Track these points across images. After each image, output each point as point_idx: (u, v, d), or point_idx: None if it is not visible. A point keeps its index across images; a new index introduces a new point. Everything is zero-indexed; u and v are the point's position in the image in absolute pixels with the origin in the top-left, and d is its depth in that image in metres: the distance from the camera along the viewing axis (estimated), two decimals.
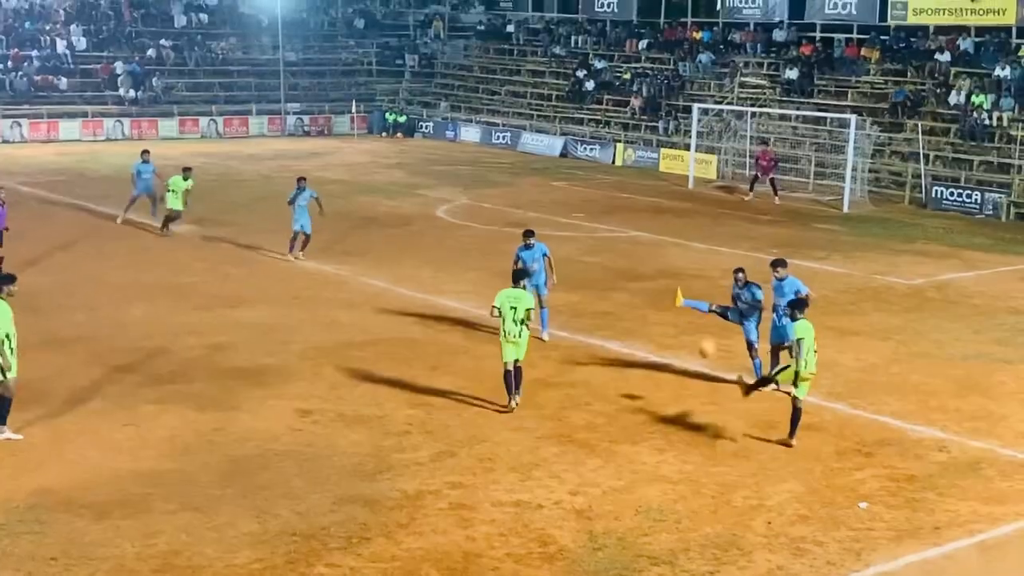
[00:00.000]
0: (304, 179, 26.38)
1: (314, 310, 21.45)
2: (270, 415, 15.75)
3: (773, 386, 15.99)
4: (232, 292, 22.79)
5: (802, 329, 14.91)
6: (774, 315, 17.32)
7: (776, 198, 36.10)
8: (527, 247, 19.73)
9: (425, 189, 37.26)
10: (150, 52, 52.70)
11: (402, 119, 53.81)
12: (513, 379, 16.03)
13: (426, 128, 53.56)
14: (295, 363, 18.13)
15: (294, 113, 53.29)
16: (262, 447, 14.56)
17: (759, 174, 36.67)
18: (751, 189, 36.81)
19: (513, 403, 16.03)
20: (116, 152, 43.53)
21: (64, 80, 49.99)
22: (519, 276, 16.60)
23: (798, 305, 15.35)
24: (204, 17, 56.78)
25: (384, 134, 53.07)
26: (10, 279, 14.80)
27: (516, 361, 16.07)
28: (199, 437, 14.88)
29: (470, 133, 51.75)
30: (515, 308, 15.86)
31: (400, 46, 60.16)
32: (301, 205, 25.78)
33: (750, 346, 17.54)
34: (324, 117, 53.94)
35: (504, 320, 15.91)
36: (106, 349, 18.65)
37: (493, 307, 16.07)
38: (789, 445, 14.97)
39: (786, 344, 16.37)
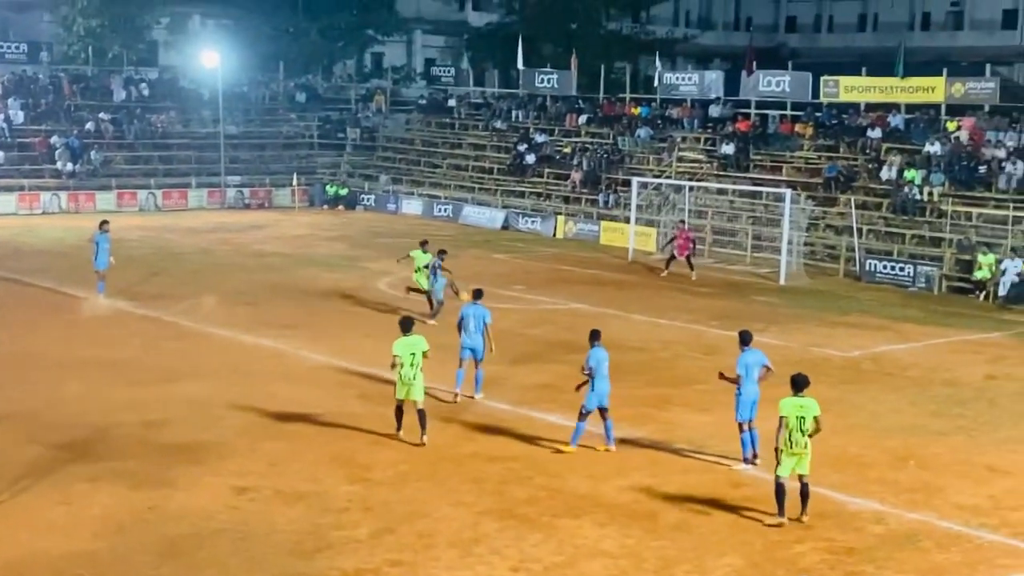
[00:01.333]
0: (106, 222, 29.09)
1: (252, 384, 21.24)
2: (206, 492, 15.52)
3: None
4: (168, 367, 22.52)
5: (783, 407, 14.90)
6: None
7: (693, 274, 35.85)
8: (473, 304, 20.76)
9: (367, 261, 37.22)
10: (89, 125, 52.45)
11: (343, 192, 53.85)
12: (403, 413, 17.87)
13: (368, 201, 53.62)
14: (232, 439, 17.92)
15: (234, 186, 53.16)
16: (198, 525, 14.34)
17: (676, 254, 36.53)
18: (667, 267, 36.42)
19: (423, 439, 17.57)
20: (52, 226, 43.16)
21: (1, 154, 49.56)
22: (407, 325, 18.05)
23: (792, 381, 15.08)
24: (144, 90, 56.71)
25: (325, 207, 53.05)
26: None
27: (415, 402, 17.68)
28: (133, 516, 14.62)
29: (412, 206, 51.88)
30: (414, 354, 17.68)
31: (342, 119, 60.38)
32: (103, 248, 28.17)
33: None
34: (265, 190, 53.86)
35: (403, 366, 17.61)
36: (39, 426, 18.32)
37: (394, 356, 17.59)
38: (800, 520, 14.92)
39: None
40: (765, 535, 14.60)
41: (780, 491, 14.80)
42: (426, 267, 27.54)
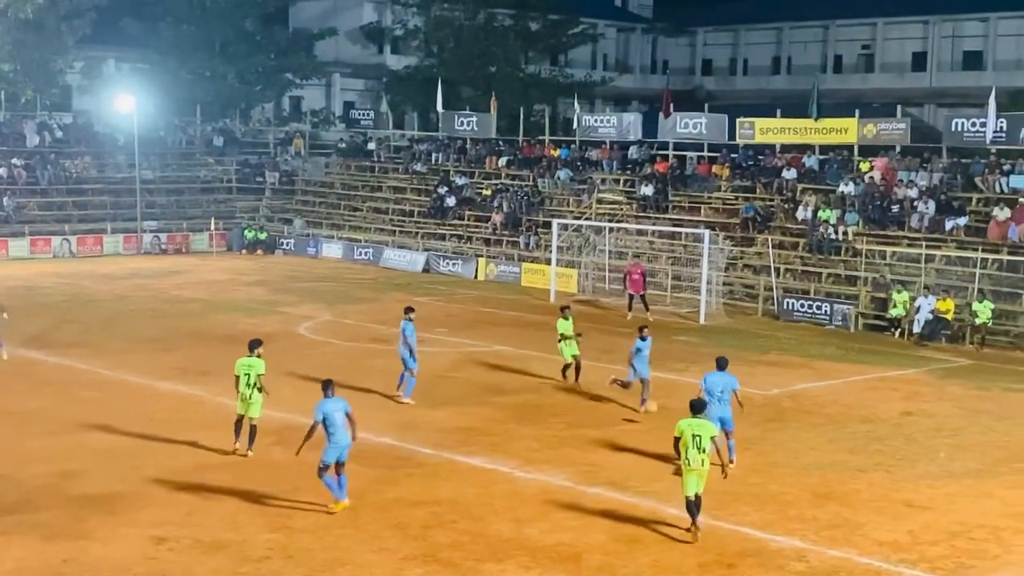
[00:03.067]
0: None
1: (169, 432, 20.86)
2: (123, 544, 15.18)
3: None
4: (83, 416, 22.05)
5: (678, 427, 16.07)
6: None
7: (649, 313, 36.12)
8: (409, 321, 23.92)
9: (286, 306, 36.90)
10: (1, 171, 51.54)
11: (262, 236, 53.42)
12: (242, 429, 19.46)
13: (287, 245, 53.25)
14: (149, 488, 17.57)
15: (151, 231, 52.47)
16: None
17: (631, 291, 36.63)
18: (629, 309, 36.54)
19: (248, 452, 19.29)
20: None
21: None
22: (253, 346, 19.70)
23: (690, 405, 16.38)
24: (58, 135, 55.91)
25: (244, 251, 52.58)
26: None
27: (251, 418, 19.44)
28: (47, 569, 14.25)
29: (332, 249, 51.62)
30: (248, 374, 19.35)
31: (260, 163, 59.98)
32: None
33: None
34: (182, 235, 53.24)
35: (240, 384, 19.34)
36: None
37: (236, 376, 19.44)
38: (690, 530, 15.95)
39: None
40: (688, 575, 14.61)
41: (689, 507, 15.90)
42: (567, 337, 25.50)
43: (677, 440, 16.00)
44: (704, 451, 15.80)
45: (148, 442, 20.22)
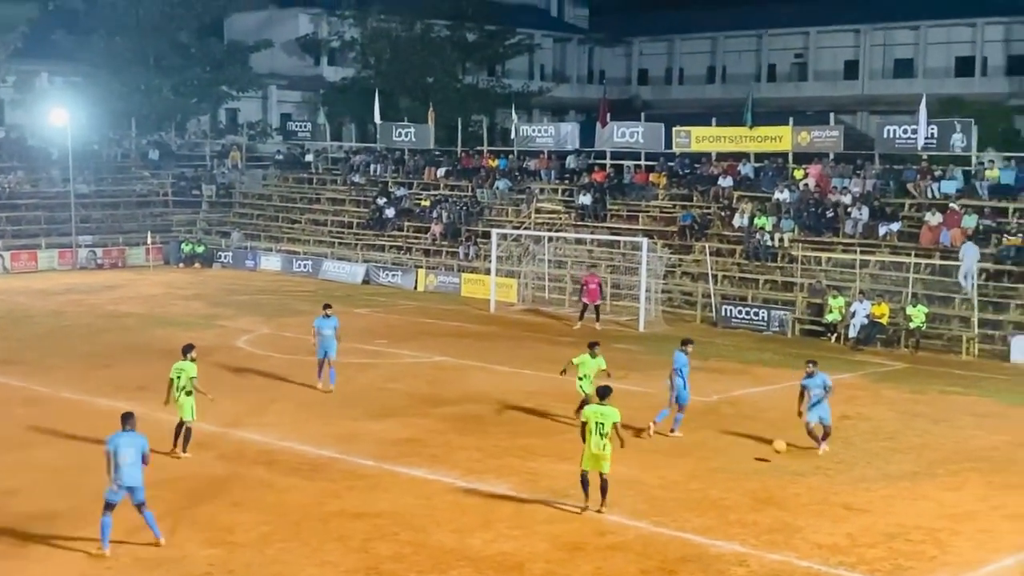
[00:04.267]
0: None
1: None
2: (61, 563, 15.00)
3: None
4: (20, 434, 21.74)
5: (584, 412, 17.58)
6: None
7: (599, 324, 36.31)
8: (325, 317, 26.19)
9: (225, 320, 36.61)
10: None
11: (200, 249, 52.96)
12: (180, 432, 20.12)
13: (225, 258, 52.84)
14: (87, 505, 17.29)
15: (86, 246, 51.84)
16: None
17: (586, 301, 36.56)
18: (581, 318, 36.54)
19: (181, 454, 20.03)
20: None
21: None
22: (186, 350, 20.46)
23: (597, 391, 18.05)
24: None
25: (181, 265, 52.10)
26: None
27: (185, 421, 20.10)
28: None
29: (271, 262, 51.30)
30: (179, 377, 20.14)
31: (197, 176, 59.49)
32: None
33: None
34: (118, 249, 52.64)
35: (176, 388, 20.10)
36: None
37: (171, 378, 20.21)
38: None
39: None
40: None
41: (584, 482, 17.27)
42: (584, 377, 22.92)
43: (584, 425, 17.23)
44: (604, 436, 16.99)
45: (87, 459, 19.93)
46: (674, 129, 46.76)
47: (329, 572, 14.86)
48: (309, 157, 59.63)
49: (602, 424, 17.03)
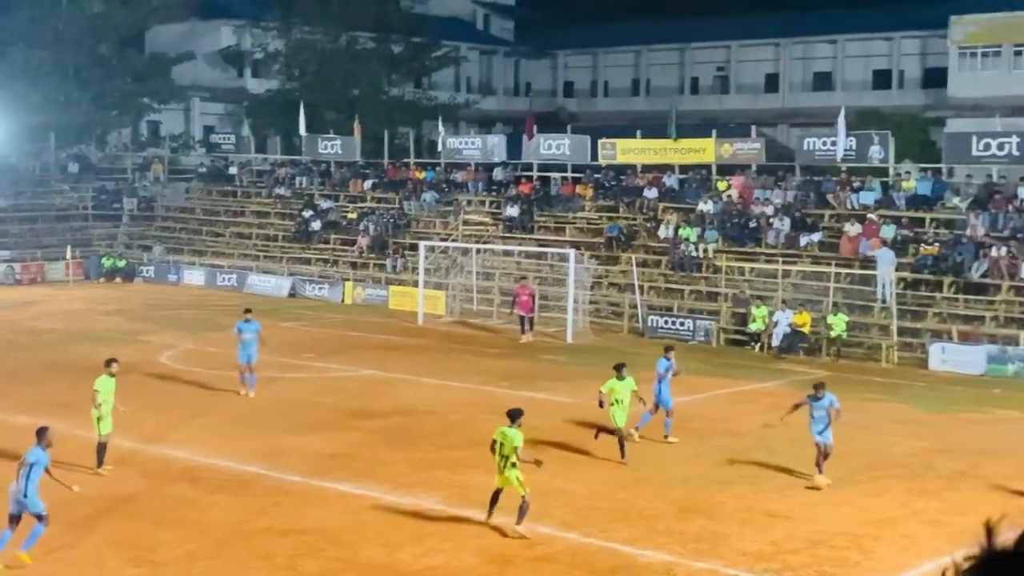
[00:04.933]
0: None
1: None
2: None
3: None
4: None
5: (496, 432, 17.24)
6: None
7: (531, 335, 36.26)
8: (247, 321, 27.27)
9: (147, 335, 36.11)
10: None
11: (121, 263, 52.19)
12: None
13: (147, 272, 52.14)
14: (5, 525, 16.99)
15: (3, 261, 50.86)
16: None
17: (521, 312, 36.64)
18: (523, 331, 36.58)
19: (99, 471, 19.61)
20: None
21: None
22: (109, 363, 20.41)
23: (508, 413, 17.40)
24: None
25: (102, 279, 51.29)
26: None
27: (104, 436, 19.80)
28: None
29: (194, 276, 50.72)
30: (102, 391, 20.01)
31: (118, 189, 58.64)
32: None
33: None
34: (36, 264, 51.70)
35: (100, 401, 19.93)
36: None
37: (96, 391, 20.01)
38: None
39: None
40: None
41: (494, 497, 17.14)
42: (618, 403, 21.55)
43: (493, 443, 17.11)
44: (505, 457, 16.74)
45: (6, 479, 19.55)
46: (600, 141, 47.08)
47: None
48: (233, 170, 59.08)
49: (502, 445, 16.80)
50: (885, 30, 69.31)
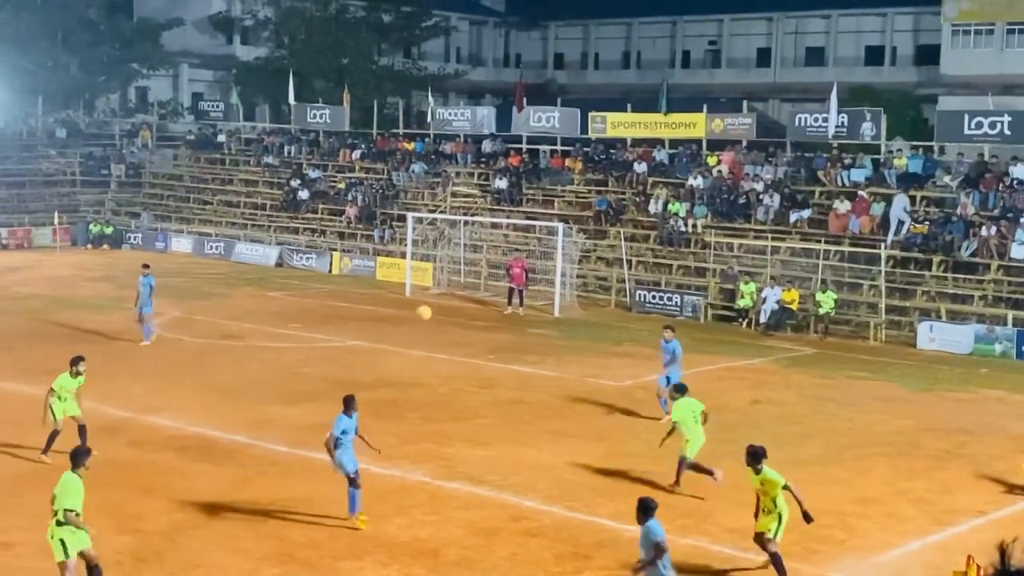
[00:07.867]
0: None
1: (11, 434, 20.17)
2: None
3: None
4: None
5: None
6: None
7: (521, 309, 36.28)
8: (144, 276, 29.00)
9: (133, 302, 35.87)
10: None
11: (108, 230, 51.99)
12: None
13: (135, 239, 51.94)
14: None
15: None
16: None
17: (513, 285, 36.63)
18: (509, 303, 36.70)
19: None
20: None
21: None
22: (75, 361, 19.35)
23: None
24: None
25: (89, 246, 51.10)
26: None
27: (75, 417, 18.97)
28: None
29: (182, 244, 50.55)
30: (60, 388, 19.01)
31: (105, 155, 58.33)
32: None
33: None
34: (24, 230, 51.46)
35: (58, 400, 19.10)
36: None
37: (52, 390, 19.09)
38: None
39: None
40: (545, 567, 14.76)
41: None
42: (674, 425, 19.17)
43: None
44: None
45: None
46: (590, 115, 46.93)
47: (242, 559, 14.70)
48: (221, 137, 58.81)
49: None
50: (878, 6, 69.15)
